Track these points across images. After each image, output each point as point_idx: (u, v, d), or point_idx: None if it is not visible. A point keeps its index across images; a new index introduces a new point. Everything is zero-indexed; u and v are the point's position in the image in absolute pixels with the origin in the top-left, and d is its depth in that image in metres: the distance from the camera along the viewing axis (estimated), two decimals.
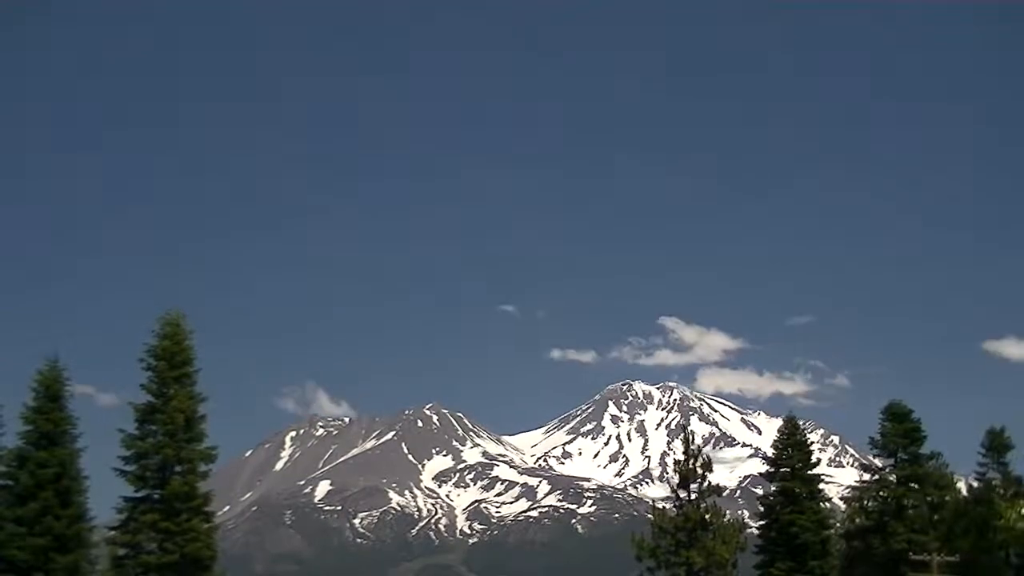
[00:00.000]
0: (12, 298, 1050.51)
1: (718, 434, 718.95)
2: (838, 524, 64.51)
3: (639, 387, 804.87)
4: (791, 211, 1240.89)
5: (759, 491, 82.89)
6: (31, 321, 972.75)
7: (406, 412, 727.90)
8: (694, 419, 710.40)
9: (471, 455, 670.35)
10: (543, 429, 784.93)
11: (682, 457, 51.42)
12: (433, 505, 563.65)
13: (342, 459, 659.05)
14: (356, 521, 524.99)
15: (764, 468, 66.80)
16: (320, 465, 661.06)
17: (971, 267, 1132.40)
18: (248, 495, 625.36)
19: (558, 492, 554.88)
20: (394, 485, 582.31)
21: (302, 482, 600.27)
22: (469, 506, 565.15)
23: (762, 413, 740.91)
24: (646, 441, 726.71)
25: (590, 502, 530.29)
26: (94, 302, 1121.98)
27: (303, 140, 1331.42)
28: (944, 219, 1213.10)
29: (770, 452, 66.00)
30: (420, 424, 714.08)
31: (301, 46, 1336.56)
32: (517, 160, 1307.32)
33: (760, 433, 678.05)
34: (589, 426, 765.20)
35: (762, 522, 63.12)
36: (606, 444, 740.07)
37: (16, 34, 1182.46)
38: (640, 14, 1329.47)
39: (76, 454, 41.91)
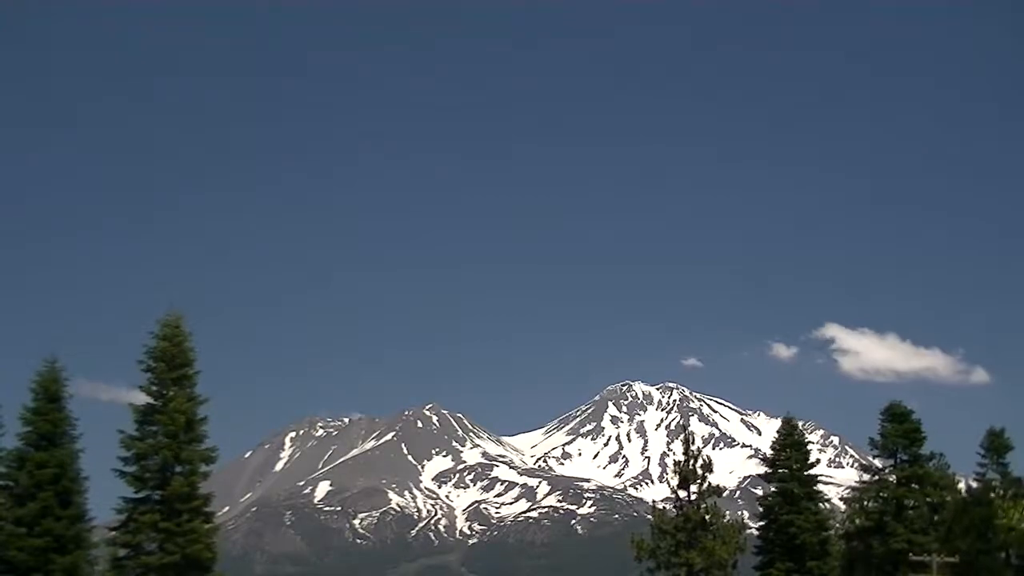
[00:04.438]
0: (11, 299, 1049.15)
1: (717, 434, 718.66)
2: (837, 525, 64.55)
3: (639, 387, 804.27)
4: None
5: (759, 492, 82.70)
6: (30, 322, 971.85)
7: (406, 413, 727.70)
8: (693, 419, 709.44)
9: (471, 456, 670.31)
10: (543, 430, 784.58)
11: (682, 458, 51.46)
12: (433, 506, 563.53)
13: (342, 460, 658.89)
14: (356, 522, 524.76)
15: (763, 469, 66.93)
16: (320, 466, 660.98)
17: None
18: (248, 496, 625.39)
19: (558, 493, 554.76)
20: (394, 486, 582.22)
21: (302, 483, 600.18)
22: (469, 507, 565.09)
23: (762, 414, 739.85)
24: (646, 442, 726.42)
25: (590, 503, 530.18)
26: (94, 302, 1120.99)
27: (301, 137, 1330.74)
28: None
29: (768, 453, 66.11)
30: (420, 425, 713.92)
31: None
32: (518, 157, 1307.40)
33: (760, 434, 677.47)
34: (589, 427, 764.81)
35: (761, 523, 63.20)
36: (606, 445, 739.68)
37: (15, 33, 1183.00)
38: None
39: (75, 454, 41.88)
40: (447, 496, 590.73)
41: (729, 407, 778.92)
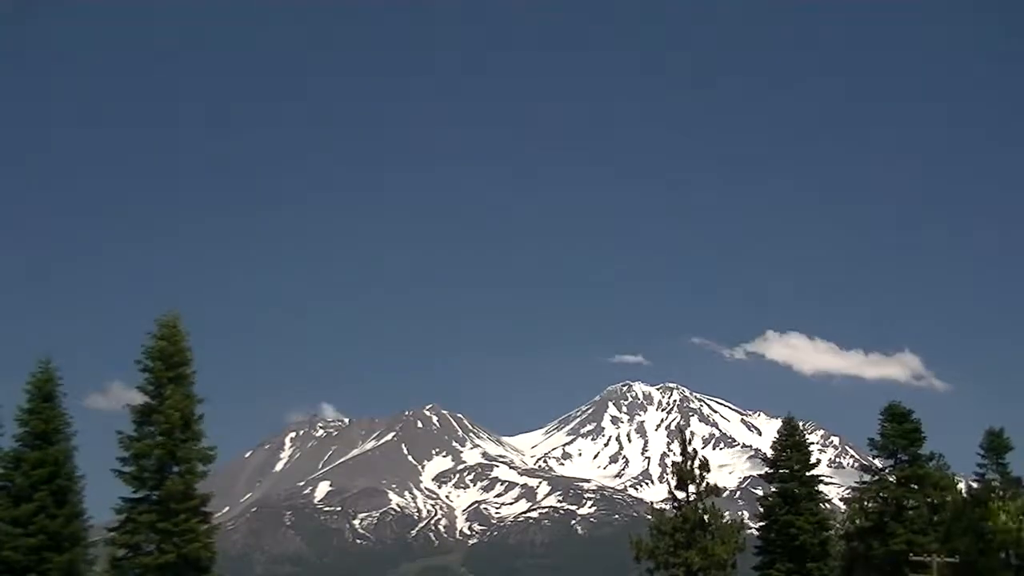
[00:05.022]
0: (10, 299, 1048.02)
1: (718, 435, 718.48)
2: (838, 525, 64.48)
3: (639, 388, 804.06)
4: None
5: (759, 492, 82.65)
6: (29, 323, 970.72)
7: (406, 413, 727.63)
8: (694, 420, 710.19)
9: (471, 456, 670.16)
10: (543, 430, 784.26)
11: (679, 458, 51.39)
12: (433, 506, 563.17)
13: (342, 460, 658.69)
14: (356, 522, 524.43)
15: (764, 469, 66.80)
16: (320, 466, 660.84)
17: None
18: (248, 496, 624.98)
19: (558, 493, 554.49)
20: (394, 486, 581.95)
21: (302, 483, 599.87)
22: (469, 507, 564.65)
23: (762, 414, 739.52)
24: (646, 442, 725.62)
25: (590, 503, 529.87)
26: (92, 303, 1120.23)
27: (305, 136, 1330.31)
28: None
29: (769, 453, 66.02)
30: (420, 425, 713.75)
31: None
32: (519, 160, 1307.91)
33: (760, 434, 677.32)
34: (589, 427, 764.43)
35: (762, 523, 63.10)
36: (606, 445, 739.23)
37: (16, 33, 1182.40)
38: None
39: (70, 452, 41.78)
40: (447, 496, 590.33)
41: (729, 407, 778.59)
